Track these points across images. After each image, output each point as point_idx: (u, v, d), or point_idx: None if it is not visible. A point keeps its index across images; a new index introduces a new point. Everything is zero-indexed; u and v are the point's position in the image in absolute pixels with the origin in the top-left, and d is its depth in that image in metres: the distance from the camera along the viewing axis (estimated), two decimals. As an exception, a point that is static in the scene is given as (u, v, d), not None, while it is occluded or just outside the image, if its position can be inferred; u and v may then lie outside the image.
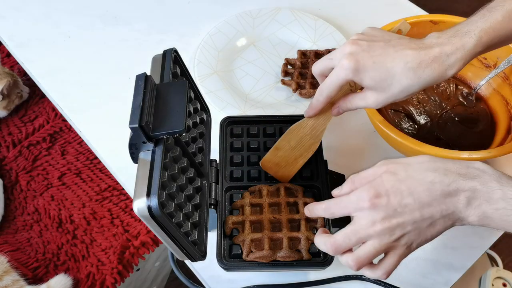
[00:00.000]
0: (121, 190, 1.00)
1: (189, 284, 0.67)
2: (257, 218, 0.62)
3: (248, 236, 0.60)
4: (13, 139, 1.08)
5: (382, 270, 0.49)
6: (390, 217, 0.47)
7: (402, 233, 0.47)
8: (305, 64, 0.87)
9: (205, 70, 0.86)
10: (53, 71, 0.89)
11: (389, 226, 0.47)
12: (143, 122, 0.46)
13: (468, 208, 0.46)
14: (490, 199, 0.45)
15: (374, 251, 0.48)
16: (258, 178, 0.67)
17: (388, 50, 0.55)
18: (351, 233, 0.49)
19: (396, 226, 0.47)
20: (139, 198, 0.46)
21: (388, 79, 0.54)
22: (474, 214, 0.46)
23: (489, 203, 0.45)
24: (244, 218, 0.62)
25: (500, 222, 0.46)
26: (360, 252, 0.49)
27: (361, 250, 0.49)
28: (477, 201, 0.46)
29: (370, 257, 0.49)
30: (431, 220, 0.47)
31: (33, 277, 0.91)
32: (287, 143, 0.66)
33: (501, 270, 1.00)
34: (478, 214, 0.46)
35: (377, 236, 0.47)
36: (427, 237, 0.48)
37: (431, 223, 0.47)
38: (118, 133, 0.64)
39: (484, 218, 0.46)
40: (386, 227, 0.47)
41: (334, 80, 0.57)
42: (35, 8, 0.98)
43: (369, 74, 0.54)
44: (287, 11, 0.94)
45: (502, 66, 0.74)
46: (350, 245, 0.49)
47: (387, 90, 0.55)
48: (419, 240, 0.48)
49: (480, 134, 0.76)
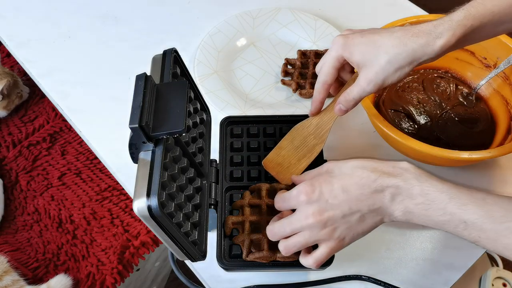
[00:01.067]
0: (121, 190, 1.00)
1: (189, 284, 0.67)
2: (257, 218, 0.62)
3: (247, 237, 0.60)
4: (13, 139, 1.08)
5: (313, 259, 0.53)
6: (322, 210, 0.50)
7: (333, 226, 0.51)
8: (305, 64, 0.87)
9: (205, 70, 0.86)
10: (53, 71, 0.89)
11: (321, 219, 0.50)
12: (143, 122, 0.46)
13: (393, 204, 0.50)
14: (410, 195, 0.49)
15: (304, 241, 0.52)
16: (258, 178, 0.67)
17: (377, 30, 0.58)
18: (286, 223, 0.53)
19: (327, 219, 0.50)
20: (139, 198, 0.46)
21: (374, 50, 0.55)
22: (399, 209, 0.50)
23: (410, 198, 0.49)
24: (243, 218, 0.61)
25: (420, 216, 0.49)
26: (290, 241, 0.53)
27: (291, 239, 0.53)
28: (400, 197, 0.49)
29: (298, 246, 0.53)
30: (360, 214, 0.50)
31: (33, 277, 0.91)
32: (290, 143, 0.66)
33: (501, 270, 1.00)
34: (401, 209, 0.49)
35: (309, 228, 0.51)
36: (358, 232, 0.52)
37: (360, 217, 0.51)
38: (118, 133, 0.64)
39: (407, 213, 0.49)
40: (318, 220, 0.50)
41: (327, 61, 0.59)
42: (35, 8, 0.98)
43: (357, 48, 0.56)
44: (287, 11, 0.94)
45: (502, 66, 0.74)
46: (285, 234, 0.54)
47: (375, 62, 0.55)
48: (350, 234, 0.52)
49: (480, 134, 0.76)
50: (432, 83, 0.81)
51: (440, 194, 0.48)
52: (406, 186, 0.49)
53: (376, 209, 0.50)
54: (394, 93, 0.80)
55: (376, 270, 0.67)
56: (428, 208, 0.48)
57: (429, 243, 0.70)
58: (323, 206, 0.50)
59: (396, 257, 0.68)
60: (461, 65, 0.81)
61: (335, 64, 0.59)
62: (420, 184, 0.49)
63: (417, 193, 0.49)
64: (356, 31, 0.59)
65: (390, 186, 0.49)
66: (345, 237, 0.52)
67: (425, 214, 0.48)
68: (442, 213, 0.48)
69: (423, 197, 0.48)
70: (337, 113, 0.62)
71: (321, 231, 0.51)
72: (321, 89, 0.61)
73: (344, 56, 0.57)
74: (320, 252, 0.53)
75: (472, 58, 0.80)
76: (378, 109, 0.77)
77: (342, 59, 0.58)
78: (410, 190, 0.49)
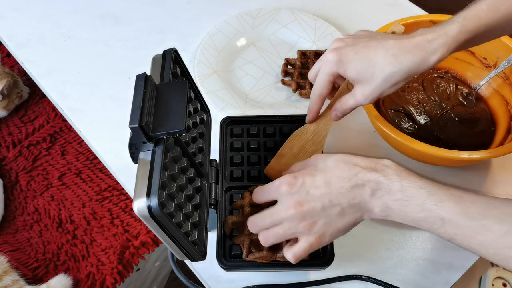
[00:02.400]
0: (121, 190, 1.00)
1: (189, 284, 0.67)
2: None
3: (247, 237, 0.60)
4: (13, 139, 1.08)
5: (291, 253, 0.53)
6: (303, 201, 0.50)
7: (313, 220, 0.50)
8: (305, 64, 0.87)
9: (205, 70, 0.86)
10: (53, 71, 0.89)
11: (301, 210, 0.50)
12: (143, 122, 0.46)
13: (373, 199, 0.49)
14: (390, 190, 0.49)
15: (282, 233, 0.52)
16: (258, 178, 0.67)
17: (371, 43, 0.57)
18: (267, 214, 0.53)
19: (307, 211, 0.50)
20: (139, 198, 0.46)
21: (370, 68, 0.55)
22: (378, 205, 0.50)
23: (389, 194, 0.49)
24: (243, 218, 0.61)
25: (398, 213, 0.49)
26: (269, 232, 0.53)
27: (270, 230, 0.53)
28: (379, 192, 0.49)
29: (276, 237, 0.53)
30: (340, 207, 0.50)
31: (33, 277, 0.91)
32: (290, 150, 0.66)
33: (501, 270, 1.00)
34: (380, 205, 0.49)
35: (289, 220, 0.51)
36: (339, 228, 0.51)
37: (340, 211, 0.50)
38: (118, 133, 0.64)
39: (386, 209, 0.49)
40: (298, 211, 0.50)
41: (321, 76, 0.59)
42: (35, 8, 0.98)
43: (352, 65, 0.56)
44: (287, 11, 0.94)
45: (502, 66, 0.74)
46: (265, 225, 0.53)
47: (371, 80, 0.56)
48: (330, 230, 0.51)
49: (480, 134, 0.76)
50: (432, 83, 0.81)
51: (418, 190, 0.48)
52: (386, 182, 0.49)
53: (356, 204, 0.50)
54: (394, 93, 0.80)
55: (376, 270, 0.67)
56: (407, 204, 0.48)
57: (429, 243, 0.70)
58: (303, 198, 0.50)
59: (396, 257, 0.68)
60: (461, 65, 0.81)
61: (330, 79, 0.59)
62: (400, 180, 0.49)
63: (396, 189, 0.49)
64: (349, 41, 0.58)
65: (370, 180, 0.49)
66: (324, 232, 0.51)
67: (404, 210, 0.48)
68: (420, 209, 0.48)
69: (402, 193, 0.48)
70: (333, 119, 0.63)
71: (300, 223, 0.51)
72: (318, 100, 0.62)
73: (339, 72, 0.58)
74: (299, 247, 0.52)
75: (472, 58, 0.80)
76: (378, 109, 0.77)
77: (337, 74, 0.58)
78: (390, 185, 0.49)
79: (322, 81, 0.59)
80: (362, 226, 0.70)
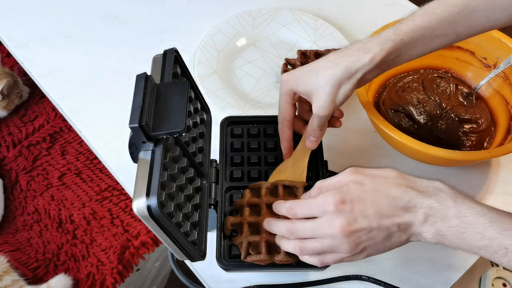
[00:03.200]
0: (121, 190, 1.00)
1: (189, 284, 0.67)
2: (255, 219, 0.61)
3: (245, 239, 0.59)
4: (13, 139, 1.08)
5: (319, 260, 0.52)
6: (350, 224, 0.48)
7: (358, 241, 0.49)
8: (305, 64, 0.87)
9: (205, 70, 0.86)
10: (53, 71, 0.90)
11: (348, 232, 0.48)
12: (143, 122, 0.46)
13: (424, 225, 0.48)
14: (445, 217, 0.47)
15: (321, 248, 0.50)
16: (258, 178, 0.67)
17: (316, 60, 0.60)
18: (309, 227, 0.51)
19: (353, 232, 0.48)
20: (138, 198, 0.46)
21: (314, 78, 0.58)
22: (429, 232, 0.48)
23: (444, 220, 0.47)
24: (242, 219, 0.61)
25: (453, 239, 0.47)
26: (308, 245, 0.51)
27: (309, 243, 0.51)
28: (433, 218, 0.48)
29: (314, 252, 0.51)
30: (388, 232, 0.49)
31: (33, 277, 0.91)
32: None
33: (501, 270, 1.00)
34: (432, 232, 0.48)
35: (332, 238, 0.49)
36: (379, 249, 0.50)
37: (387, 235, 0.49)
38: (118, 133, 0.64)
39: (439, 236, 0.48)
40: (344, 233, 0.48)
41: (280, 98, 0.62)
42: (35, 8, 0.98)
43: (300, 80, 0.59)
44: (287, 11, 0.94)
45: (502, 66, 0.74)
46: (303, 236, 0.52)
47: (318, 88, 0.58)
48: (370, 250, 0.50)
49: (480, 134, 0.76)
50: (432, 83, 0.81)
51: (479, 218, 0.46)
52: (441, 207, 0.47)
53: (405, 229, 0.48)
54: (394, 93, 0.80)
55: (376, 270, 0.67)
56: (464, 231, 0.46)
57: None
58: (351, 220, 0.48)
59: (396, 257, 0.68)
60: (461, 65, 0.82)
61: (288, 99, 0.61)
62: (456, 206, 0.47)
63: (452, 215, 0.47)
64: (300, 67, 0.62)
65: (424, 207, 0.48)
66: (363, 252, 0.50)
67: (460, 237, 0.47)
68: (480, 237, 0.46)
69: (459, 220, 0.46)
70: (309, 146, 0.63)
71: (344, 243, 0.49)
72: (283, 126, 0.63)
73: (292, 89, 0.60)
74: (331, 258, 0.51)
75: (472, 58, 0.80)
76: (378, 109, 0.77)
77: (292, 93, 0.61)
78: (445, 212, 0.47)
79: (282, 103, 0.62)
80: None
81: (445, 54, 0.81)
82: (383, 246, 0.50)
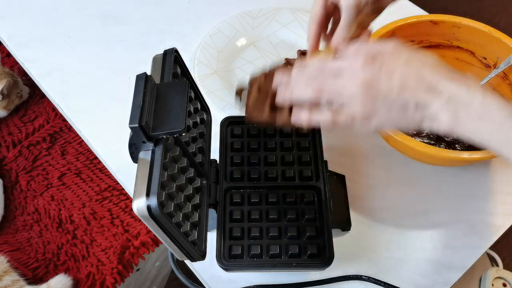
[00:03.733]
0: (121, 190, 1.00)
1: (189, 284, 0.67)
2: (268, 86, 0.60)
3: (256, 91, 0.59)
4: (13, 139, 1.08)
5: (333, 116, 0.50)
6: (372, 80, 0.48)
7: (373, 101, 0.48)
8: (305, 64, 0.87)
9: (205, 70, 0.86)
10: (53, 71, 0.89)
11: (368, 84, 0.47)
12: (143, 122, 0.46)
13: (444, 106, 0.46)
14: (470, 102, 0.45)
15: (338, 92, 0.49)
16: (258, 178, 0.67)
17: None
18: (335, 67, 0.50)
19: (372, 88, 0.48)
20: (138, 198, 0.46)
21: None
22: (447, 112, 0.46)
23: (466, 106, 0.46)
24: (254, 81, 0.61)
25: (468, 125, 0.46)
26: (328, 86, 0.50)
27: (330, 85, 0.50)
28: (455, 100, 0.46)
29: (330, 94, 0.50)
30: (404, 105, 0.47)
31: (33, 277, 0.91)
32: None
33: (501, 270, 1.00)
34: (452, 111, 0.46)
35: (349, 87, 0.48)
36: (390, 121, 0.49)
37: (402, 108, 0.47)
38: (118, 133, 0.64)
39: (455, 119, 0.46)
40: (364, 83, 0.48)
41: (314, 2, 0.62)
42: (35, 8, 0.98)
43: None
44: (287, 11, 0.94)
45: (502, 66, 0.74)
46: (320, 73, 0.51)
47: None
48: (381, 118, 0.49)
49: (480, 134, 0.76)
50: (432, 83, 0.81)
51: (503, 107, 0.45)
52: (466, 93, 0.46)
53: (423, 106, 0.47)
54: (394, 93, 0.80)
55: (376, 270, 0.67)
56: (484, 117, 0.45)
57: (429, 243, 0.70)
58: (375, 77, 0.47)
59: (396, 257, 0.68)
60: (461, 65, 0.81)
61: (322, 3, 0.62)
62: (483, 93, 0.46)
63: (477, 101, 0.45)
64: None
65: (449, 91, 0.46)
66: (374, 117, 0.49)
67: (476, 124, 0.45)
68: (497, 127, 0.44)
69: (482, 106, 0.45)
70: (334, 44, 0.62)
71: (360, 95, 0.48)
72: (312, 23, 0.63)
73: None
74: (344, 115, 0.50)
75: (472, 58, 0.80)
76: (378, 109, 0.77)
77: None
78: (471, 96, 0.46)
79: (315, 4, 0.62)
80: (362, 226, 0.70)
81: (445, 54, 0.81)
82: (395, 119, 0.49)
